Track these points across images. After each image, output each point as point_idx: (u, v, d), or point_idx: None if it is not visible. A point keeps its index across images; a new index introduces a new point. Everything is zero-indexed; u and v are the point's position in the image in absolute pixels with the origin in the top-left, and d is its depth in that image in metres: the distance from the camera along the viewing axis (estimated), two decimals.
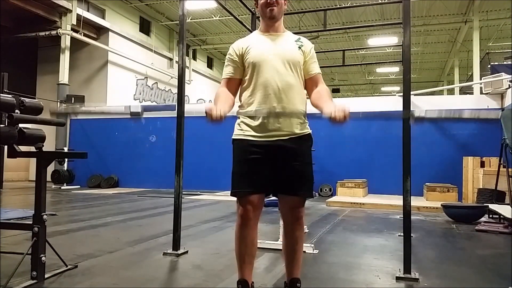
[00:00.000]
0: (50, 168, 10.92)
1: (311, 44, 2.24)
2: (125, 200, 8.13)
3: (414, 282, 2.74)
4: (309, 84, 2.18)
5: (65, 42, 11.91)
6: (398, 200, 6.18)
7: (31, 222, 2.61)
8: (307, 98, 2.22)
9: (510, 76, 8.05)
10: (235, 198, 2.14)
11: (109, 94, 13.38)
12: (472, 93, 12.30)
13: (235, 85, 2.18)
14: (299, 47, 2.16)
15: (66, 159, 11.09)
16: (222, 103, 2.02)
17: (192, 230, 4.66)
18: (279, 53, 2.12)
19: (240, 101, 2.20)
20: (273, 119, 2.06)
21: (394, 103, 9.06)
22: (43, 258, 2.57)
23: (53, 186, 10.81)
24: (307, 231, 4.58)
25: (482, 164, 7.92)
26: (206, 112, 1.91)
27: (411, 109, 1.85)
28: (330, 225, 5.21)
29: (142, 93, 15.34)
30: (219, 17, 14.62)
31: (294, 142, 2.09)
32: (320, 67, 2.29)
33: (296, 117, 2.10)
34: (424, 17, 14.07)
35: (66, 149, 11.35)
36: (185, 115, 3.58)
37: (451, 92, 17.07)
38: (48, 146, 10.73)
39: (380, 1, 10.79)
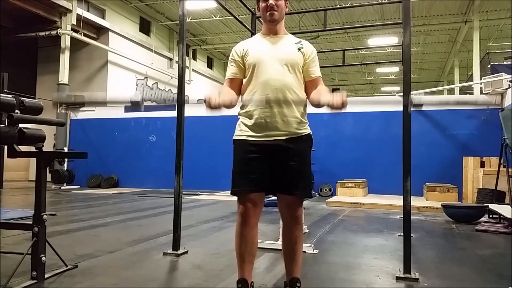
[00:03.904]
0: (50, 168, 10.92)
1: (313, 48, 2.26)
2: (125, 200, 8.13)
3: (414, 282, 2.74)
4: (309, 86, 2.20)
5: (65, 42, 11.91)
6: (398, 200, 6.18)
7: (31, 222, 2.60)
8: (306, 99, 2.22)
9: (510, 76, 8.05)
10: (235, 198, 2.15)
11: (109, 94, 13.37)
12: (472, 93, 12.31)
13: (238, 85, 2.22)
14: (299, 49, 2.18)
15: (66, 159, 11.09)
16: (224, 94, 2.08)
17: (192, 230, 4.66)
18: (277, 54, 2.15)
19: (241, 101, 2.22)
20: (272, 121, 2.08)
21: (394, 103, 9.05)
22: (43, 258, 2.57)
23: (53, 186, 10.81)
24: (307, 231, 4.58)
25: (482, 164, 7.92)
26: (205, 100, 1.95)
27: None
28: (330, 225, 5.21)
29: (142, 93, 15.34)
30: (219, 17, 14.62)
31: (292, 142, 2.11)
32: (320, 67, 2.29)
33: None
34: (424, 17, 14.07)
35: (66, 149, 11.35)
36: (185, 115, 3.60)
37: (451, 92, 17.07)
38: (48, 146, 10.73)
39: (380, 1, 10.79)
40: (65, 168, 11.38)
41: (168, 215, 5.50)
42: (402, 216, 3.01)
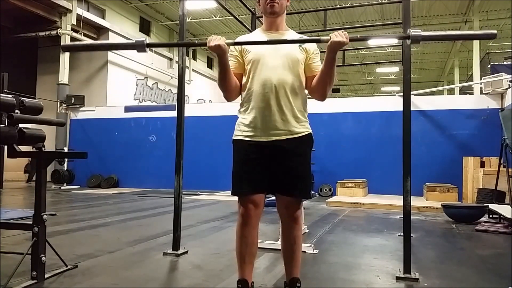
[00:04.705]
0: (50, 168, 10.92)
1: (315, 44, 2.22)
2: (125, 200, 8.13)
3: (414, 282, 2.74)
4: (311, 81, 2.16)
5: (65, 42, 11.89)
6: (398, 200, 6.19)
7: (31, 222, 2.60)
8: (308, 96, 2.21)
9: (510, 76, 8.05)
10: (235, 198, 2.15)
11: (109, 94, 13.38)
12: (472, 93, 12.30)
13: (236, 78, 2.18)
14: (300, 45, 2.15)
15: (66, 159, 11.09)
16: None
17: (192, 230, 4.66)
18: (278, 51, 2.11)
19: (241, 99, 2.21)
20: (271, 120, 2.08)
21: (394, 103, 9.06)
22: (43, 258, 2.57)
23: (53, 186, 10.81)
24: (307, 231, 4.58)
25: (482, 164, 7.92)
26: (208, 42, 2.00)
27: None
28: (330, 225, 5.21)
29: (142, 93, 15.34)
30: (219, 17, 14.62)
31: (292, 143, 2.09)
32: None
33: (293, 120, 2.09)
34: (424, 17, 14.08)
35: (66, 149, 11.35)
36: (185, 115, 3.60)
37: (451, 92, 17.08)
38: (48, 146, 10.69)
39: (380, 1, 10.79)
40: (65, 168, 11.38)
41: (168, 215, 5.50)
42: (402, 216, 3.01)
